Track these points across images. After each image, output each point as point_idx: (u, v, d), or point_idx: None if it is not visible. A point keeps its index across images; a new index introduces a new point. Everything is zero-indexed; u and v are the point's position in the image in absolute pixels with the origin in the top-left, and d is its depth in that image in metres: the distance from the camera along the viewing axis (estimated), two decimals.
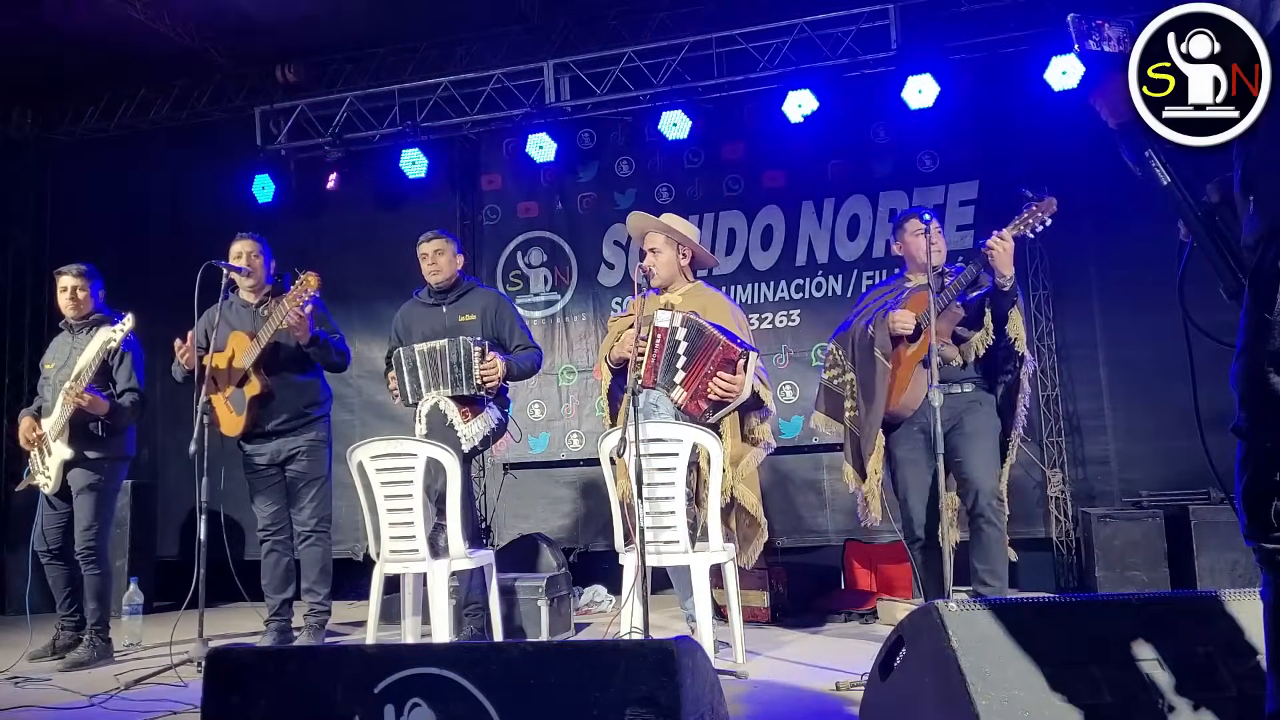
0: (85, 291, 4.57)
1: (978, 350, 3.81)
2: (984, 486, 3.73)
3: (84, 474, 4.42)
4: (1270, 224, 1.53)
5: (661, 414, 3.90)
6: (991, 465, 3.79)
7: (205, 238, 5.03)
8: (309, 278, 4.18)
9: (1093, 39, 1.68)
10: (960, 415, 3.81)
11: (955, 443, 3.78)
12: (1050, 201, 3.56)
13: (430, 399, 4.21)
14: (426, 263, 4.44)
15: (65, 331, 4.64)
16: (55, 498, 4.46)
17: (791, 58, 5.70)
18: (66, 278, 4.56)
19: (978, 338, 3.79)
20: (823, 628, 4.78)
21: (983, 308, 3.78)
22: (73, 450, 4.37)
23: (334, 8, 5.99)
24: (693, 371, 3.88)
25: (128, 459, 4.62)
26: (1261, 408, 1.53)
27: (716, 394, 3.84)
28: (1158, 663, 2.05)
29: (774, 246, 6.25)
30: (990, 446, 3.81)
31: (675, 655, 1.85)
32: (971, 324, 3.81)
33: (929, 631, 2.13)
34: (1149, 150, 1.72)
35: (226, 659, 2.13)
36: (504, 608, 4.31)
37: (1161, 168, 1.73)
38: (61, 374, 4.44)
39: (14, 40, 6.08)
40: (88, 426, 4.39)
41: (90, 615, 4.41)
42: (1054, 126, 5.51)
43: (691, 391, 3.87)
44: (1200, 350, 1.86)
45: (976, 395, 3.87)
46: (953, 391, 3.77)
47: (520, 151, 6.33)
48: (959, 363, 3.82)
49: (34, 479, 4.50)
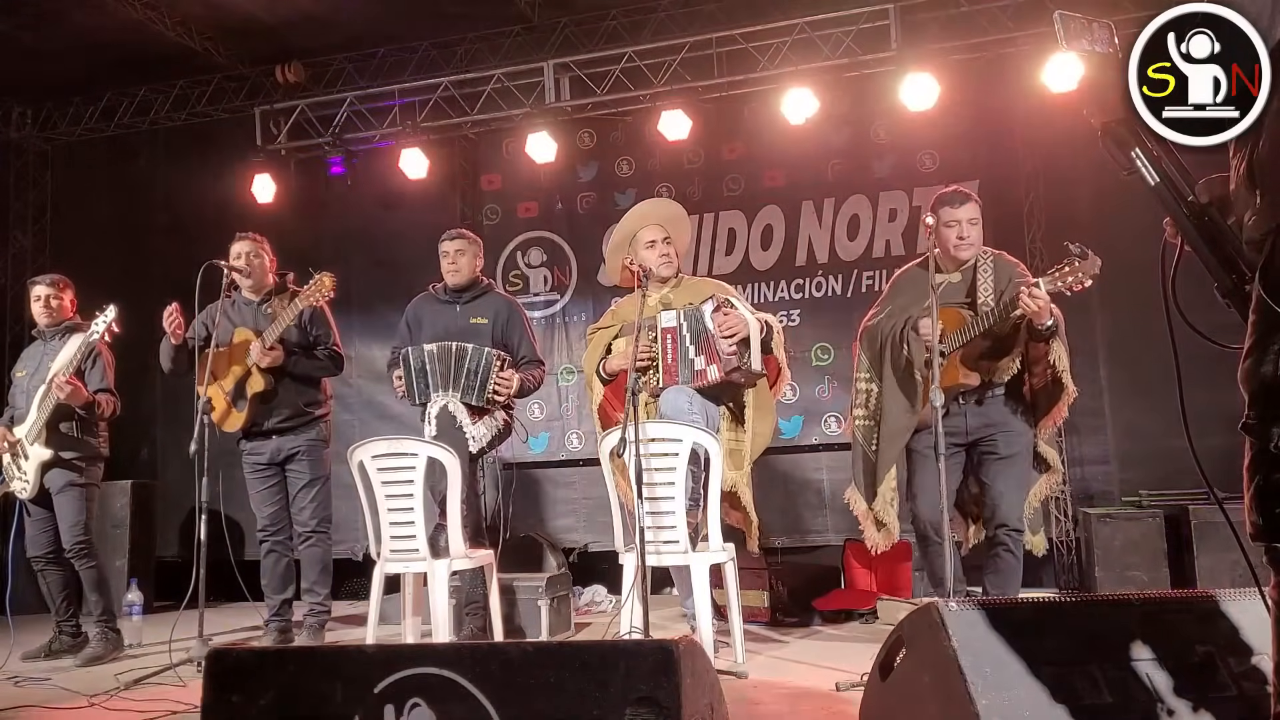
0: (59, 300, 4.61)
1: (1003, 376, 3.66)
2: (1009, 517, 3.64)
3: (61, 473, 4.43)
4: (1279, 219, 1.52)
5: (694, 416, 3.85)
6: (1018, 494, 3.68)
7: (205, 238, 5.03)
8: (324, 278, 4.20)
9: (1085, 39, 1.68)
10: (993, 432, 3.67)
11: (985, 464, 3.69)
12: (1094, 261, 3.29)
13: (439, 400, 4.20)
14: (447, 260, 4.45)
15: (38, 340, 4.67)
16: (33, 504, 4.47)
17: (791, 58, 5.70)
18: (40, 287, 4.61)
19: (1004, 364, 3.64)
20: (823, 628, 4.77)
21: (1017, 332, 3.60)
22: (50, 450, 4.39)
23: (334, 8, 5.99)
24: (703, 348, 3.91)
25: (103, 459, 4.63)
26: (1272, 405, 1.52)
27: (728, 335, 3.87)
28: (1157, 663, 2.05)
29: (774, 246, 6.25)
30: (1019, 473, 3.69)
31: (675, 655, 1.85)
32: (1001, 350, 3.65)
33: (929, 631, 2.13)
34: (1136, 150, 1.72)
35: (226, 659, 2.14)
36: (504, 608, 4.31)
37: (1149, 168, 1.72)
38: (34, 381, 4.46)
39: (14, 40, 6.08)
40: (60, 427, 4.41)
41: (94, 608, 4.44)
42: (1054, 126, 5.52)
43: (713, 360, 3.89)
44: (1201, 351, 1.86)
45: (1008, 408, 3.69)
46: (984, 399, 3.67)
47: (520, 151, 6.33)
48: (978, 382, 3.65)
49: (9, 486, 4.51)
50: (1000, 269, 3.71)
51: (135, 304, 4.80)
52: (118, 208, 7.26)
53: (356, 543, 6.10)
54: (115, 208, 7.26)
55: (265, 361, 4.30)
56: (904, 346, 3.71)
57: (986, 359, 3.65)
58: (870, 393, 3.90)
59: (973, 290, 3.69)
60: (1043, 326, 3.48)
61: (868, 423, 3.92)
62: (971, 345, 3.58)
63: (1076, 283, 3.35)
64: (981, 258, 3.75)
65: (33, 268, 7.22)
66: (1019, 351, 3.64)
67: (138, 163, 7.26)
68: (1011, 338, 3.61)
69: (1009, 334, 3.60)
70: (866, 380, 3.93)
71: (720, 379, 3.91)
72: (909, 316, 3.71)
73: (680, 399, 3.90)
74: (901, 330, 3.73)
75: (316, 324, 4.53)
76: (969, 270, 3.74)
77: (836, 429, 5.91)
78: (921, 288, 3.63)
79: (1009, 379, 3.68)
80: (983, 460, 3.71)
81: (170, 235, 7.04)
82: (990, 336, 3.60)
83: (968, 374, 3.62)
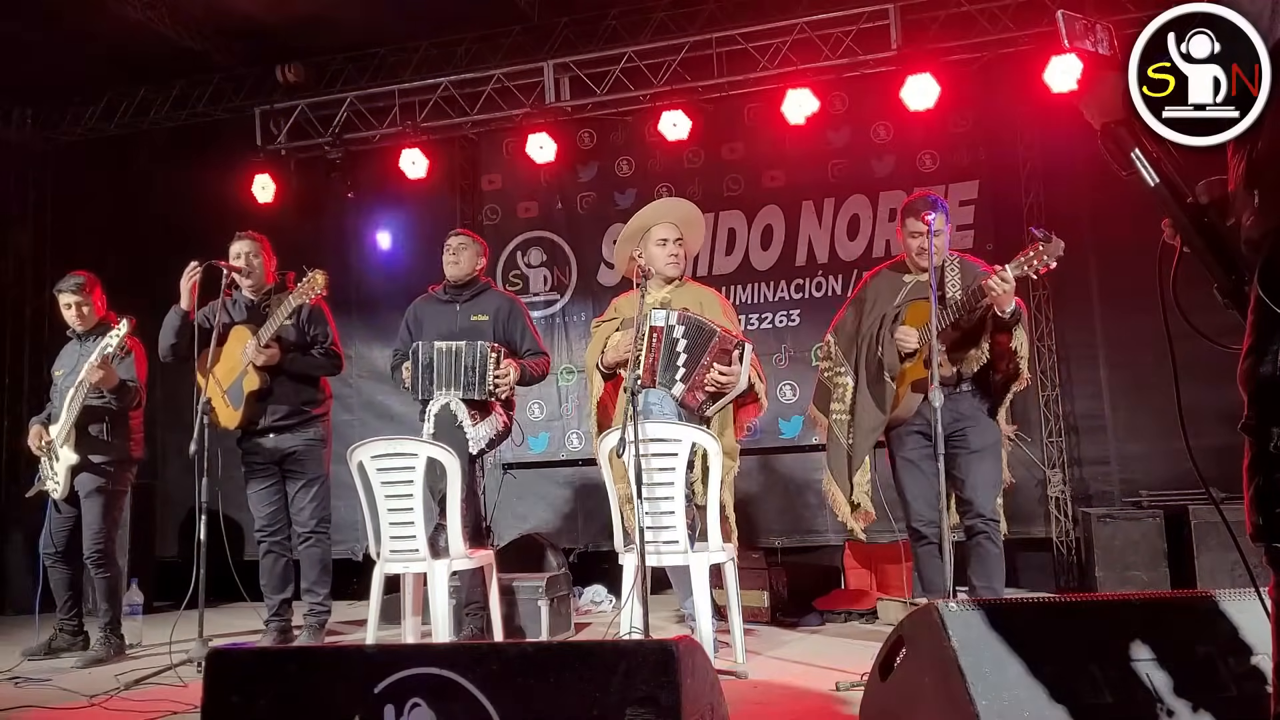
0: (88, 305, 4.58)
1: (972, 366, 3.78)
2: (984, 508, 3.75)
3: (91, 478, 4.44)
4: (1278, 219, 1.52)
5: (667, 414, 3.90)
6: (991, 485, 3.80)
7: (205, 238, 5.03)
8: (317, 275, 4.20)
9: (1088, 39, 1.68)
10: (964, 425, 3.78)
11: (957, 457, 3.76)
12: (1058, 244, 3.43)
13: (441, 399, 4.20)
14: (449, 254, 4.48)
15: (74, 340, 4.66)
16: (63, 502, 4.48)
17: (791, 58, 5.70)
18: (66, 295, 4.57)
19: (973, 354, 3.77)
20: (823, 628, 4.77)
21: (983, 325, 3.74)
22: (78, 455, 4.39)
23: (334, 8, 5.99)
24: (692, 367, 3.92)
25: (134, 461, 4.63)
26: (1271, 405, 1.52)
27: (714, 385, 3.91)
28: (1157, 663, 2.05)
29: (774, 246, 6.25)
30: (991, 464, 3.81)
31: (675, 655, 1.85)
32: (969, 341, 3.78)
33: (929, 631, 2.13)
34: (1135, 151, 1.72)
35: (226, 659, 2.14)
36: (504, 608, 4.31)
37: (1148, 169, 1.72)
38: (68, 381, 4.46)
39: (14, 40, 6.08)
40: (89, 429, 4.41)
41: (102, 615, 4.45)
42: (1053, 126, 5.52)
43: (689, 384, 3.92)
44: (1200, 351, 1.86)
45: (976, 401, 3.84)
46: (953, 394, 3.75)
47: (520, 151, 6.33)
48: (950, 373, 3.77)
49: (44, 485, 4.53)
50: (966, 269, 3.87)
51: (135, 304, 4.80)
52: (118, 208, 7.26)
53: (356, 543, 6.11)
54: (115, 208, 7.26)
55: (261, 360, 4.29)
56: (879, 347, 3.87)
57: (955, 350, 3.79)
58: (846, 387, 4.03)
59: (941, 286, 3.79)
60: (1005, 313, 3.60)
61: (845, 417, 4.03)
62: (941, 336, 3.68)
63: (1042, 265, 3.47)
64: (949, 260, 3.91)
65: (32, 268, 7.23)
66: (986, 342, 3.76)
67: (138, 163, 7.26)
68: (978, 330, 3.76)
69: (975, 326, 3.75)
70: (841, 374, 4.06)
71: (677, 400, 3.94)
72: (884, 315, 3.88)
73: (652, 398, 3.94)
74: (878, 332, 3.89)
75: (315, 323, 4.53)
76: (937, 270, 3.82)
77: None
78: (893, 288, 3.90)
79: (976, 371, 3.81)
80: (955, 454, 3.76)
81: (170, 235, 7.04)
82: (959, 328, 3.74)
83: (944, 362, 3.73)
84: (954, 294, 3.74)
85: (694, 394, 3.93)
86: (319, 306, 4.52)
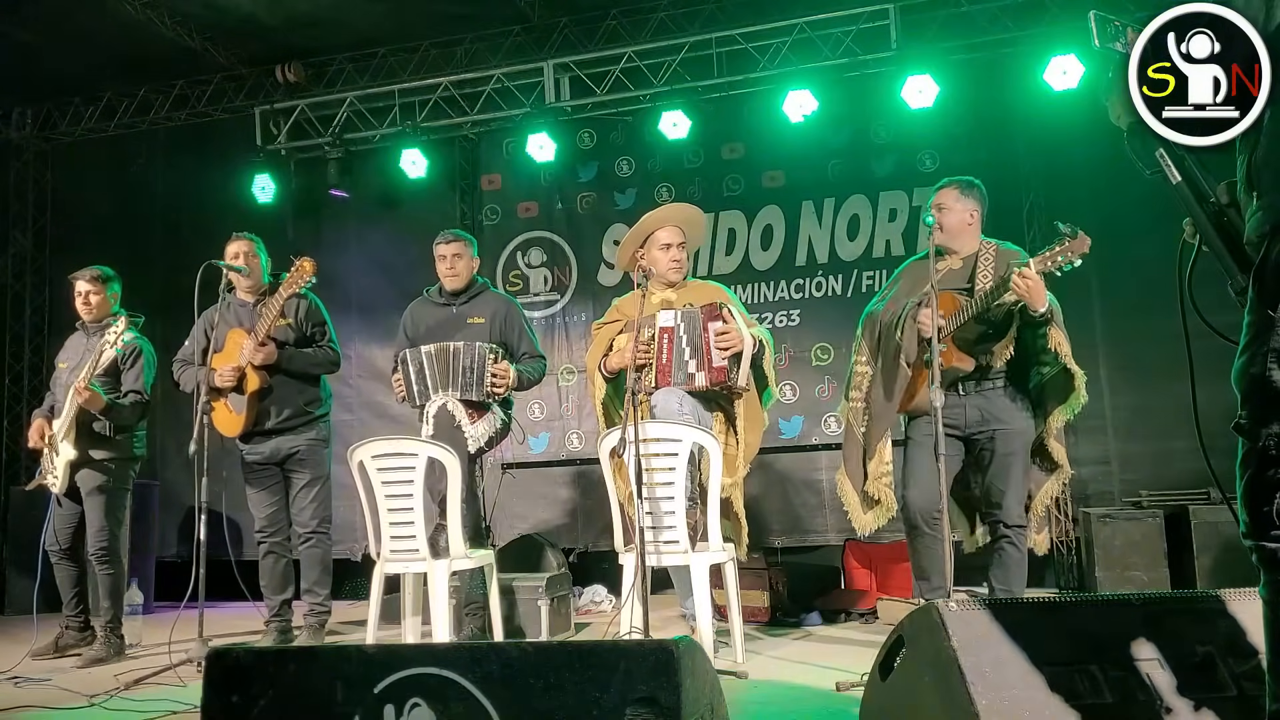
0: (99, 295, 4.57)
1: (998, 360, 3.66)
2: (1009, 515, 3.67)
3: (92, 475, 4.43)
4: (1275, 220, 1.53)
5: (685, 414, 3.89)
6: (1018, 490, 3.69)
7: (205, 238, 5.03)
8: (305, 263, 4.19)
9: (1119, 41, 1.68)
10: (993, 428, 3.67)
11: (984, 459, 3.70)
12: (1084, 240, 3.31)
13: (438, 400, 4.20)
14: (444, 265, 4.41)
15: (80, 332, 4.65)
16: (65, 498, 4.47)
17: (791, 58, 5.70)
18: (81, 282, 4.56)
19: (999, 346, 3.66)
20: (823, 628, 4.77)
21: (1010, 318, 3.64)
22: (78, 451, 4.38)
23: (334, 8, 5.99)
24: (699, 352, 3.94)
25: (137, 459, 4.63)
26: (1263, 405, 1.53)
27: (723, 348, 3.90)
28: (1158, 663, 2.05)
29: (774, 246, 6.25)
30: (1020, 469, 3.70)
31: (675, 655, 1.85)
32: (996, 334, 3.67)
33: (929, 631, 2.13)
34: (1160, 150, 1.72)
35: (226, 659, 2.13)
36: (504, 608, 4.31)
37: (1172, 167, 1.73)
38: (73, 375, 4.44)
39: (14, 40, 6.08)
40: (93, 426, 4.40)
41: (104, 614, 4.44)
42: (1054, 126, 5.52)
43: (708, 369, 3.92)
44: (1209, 349, 1.86)
45: (1008, 398, 3.69)
46: (984, 389, 3.68)
47: (520, 151, 6.34)
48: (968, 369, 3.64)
49: (44, 479, 4.51)
50: (1000, 257, 3.74)
51: (135, 304, 4.79)
52: (118, 208, 7.26)
53: (356, 543, 6.10)
54: (115, 208, 7.26)
55: (259, 358, 4.28)
56: (898, 332, 3.75)
57: (980, 344, 3.68)
58: (866, 375, 3.98)
59: (973, 277, 3.73)
60: (1037, 313, 3.49)
61: (861, 404, 3.98)
62: (965, 329, 3.60)
63: (1066, 261, 3.35)
64: (984, 247, 3.80)
65: (33, 268, 7.24)
66: (1012, 337, 3.66)
67: (138, 163, 7.26)
68: (1004, 324, 3.65)
69: (1002, 320, 3.65)
70: (865, 364, 4.00)
71: (706, 387, 3.95)
72: (907, 303, 3.77)
73: (671, 400, 3.92)
74: (899, 318, 3.78)
75: (312, 321, 4.52)
76: (971, 257, 3.79)
77: (836, 429, 5.90)
78: (922, 275, 3.69)
79: (1009, 370, 3.70)
80: (980, 457, 3.72)
81: (170, 235, 7.04)
82: (984, 321, 3.63)
83: (961, 358, 3.64)
84: (984, 285, 3.63)
85: (713, 372, 3.92)
86: (316, 303, 4.51)
